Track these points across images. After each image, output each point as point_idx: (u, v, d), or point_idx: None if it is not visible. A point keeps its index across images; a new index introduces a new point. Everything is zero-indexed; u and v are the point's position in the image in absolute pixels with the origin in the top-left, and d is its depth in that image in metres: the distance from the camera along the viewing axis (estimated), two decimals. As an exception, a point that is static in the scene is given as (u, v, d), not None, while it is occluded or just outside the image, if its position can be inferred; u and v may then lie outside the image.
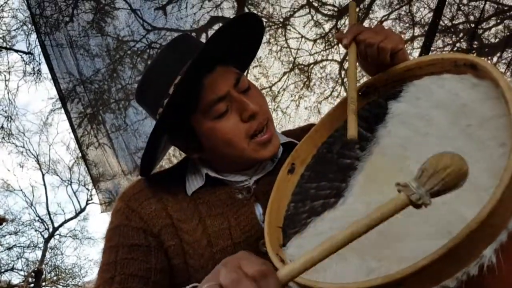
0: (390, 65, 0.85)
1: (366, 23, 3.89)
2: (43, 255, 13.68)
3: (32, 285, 12.56)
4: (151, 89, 0.92)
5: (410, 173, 0.67)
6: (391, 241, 0.61)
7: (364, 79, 0.91)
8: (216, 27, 4.04)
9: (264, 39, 4.07)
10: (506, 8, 3.46)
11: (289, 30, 4.13)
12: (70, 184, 14.90)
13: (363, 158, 0.77)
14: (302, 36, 4.13)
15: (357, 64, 0.91)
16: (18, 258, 13.77)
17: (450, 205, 0.58)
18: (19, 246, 13.92)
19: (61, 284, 14.62)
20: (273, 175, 0.89)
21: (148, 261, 0.88)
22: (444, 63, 0.76)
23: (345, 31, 0.91)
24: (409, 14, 3.82)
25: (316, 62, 4.32)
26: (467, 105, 0.68)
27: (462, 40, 3.69)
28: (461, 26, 3.69)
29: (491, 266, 0.52)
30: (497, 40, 3.66)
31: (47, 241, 14.08)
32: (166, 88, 0.87)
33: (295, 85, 4.43)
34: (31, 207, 14.71)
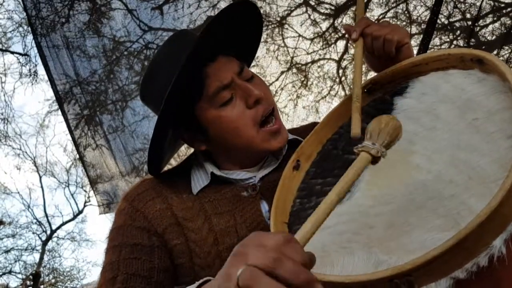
0: (396, 60, 0.86)
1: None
2: (41, 257, 13.60)
3: (30, 288, 12.51)
4: (154, 85, 0.92)
5: (417, 167, 0.67)
6: (399, 234, 0.61)
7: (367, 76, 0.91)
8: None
9: (261, 38, 4.07)
10: (502, 5, 3.48)
11: (286, 29, 4.13)
12: (68, 186, 14.81)
13: None
14: (299, 35, 4.13)
15: (363, 60, 0.92)
16: (15, 261, 13.68)
17: (459, 197, 0.59)
18: (16, 249, 13.82)
19: (59, 286, 14.57)
20: (278, 172, 0.88)
21: (151, 261, 0.88)
22: (450, 59, 0.76)
23: (354, 24, 0.92)
24: (406, 12, 3.83)
25: (313, 61, 4.31)
26: (473, 99, 0.68)
27: (459, 38, 3.70)
28: (457, 24, 3.70)
29: (501, 257, 0.52)
30: (494, 37, 3.67)
31: (45, 243, 14.00)
32: (169, 81, 0.86)
33: (292, 85, 4.43)
34: (28, 209, 14.60)
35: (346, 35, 1.08)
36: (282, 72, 4.37)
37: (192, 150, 1.04)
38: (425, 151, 0.68)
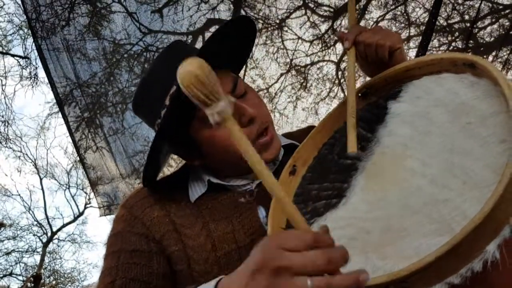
0: (389, 64, 0.86)
1: (361, 24, 3.90)
2: (42, 259, 13.62)
3: (30, 290, 12.50)
4: (148, 100, 0.92)
5: (412, 171, 0.68)
6: (394, 240, 0.62)
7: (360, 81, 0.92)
8: (212, 29, 4.04)
9: (261, 41, 4.08)
10: (501, 7, 3.48)
11: (286, 31, 4.13)
12: (68, 188, 14.85)
13: (364, 158, 0.77)
14: (298, 37, 4.14)
15: (356, 68, 0.92)
16: (16, 263, 13.71)
17: (453, 202, 0.59)
18: (17, 251, 13.85)
19: (60, 288, 14.57)
20: (275, 177, 0.89)
21: (150, 266, 0.88)
22: (443, 63, 0.77)
23: (346, 31, 0.92)
24: (404, 14, 3.84)
25: (312, 63, 4.32)
26: (466, 103, 0.69)
27: (457, 40, 3.71)
28: (456, 26, 3.71)
29: (495, 262, 0.52)
30: (492, 39, 3.67)
31: (45, 245, 14.02)
32: (162, 99, 0.86)
33: (292, 86, 4.44)
34: (29, 211, 14.63)
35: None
36: (281, 74, 4.38)
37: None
38: (420, 155, 0.69)
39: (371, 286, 0.55)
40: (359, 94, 0.88)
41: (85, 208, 15.05)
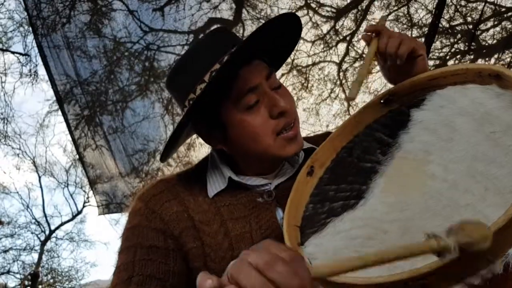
0: (410, 71, 0.87)
1: (364, 24, 3.91)
2: (40, 258, 13.59)
3: (28, 288, 12.48)
4: (185, 74, 0.92)
5: (433, 176, 0.68)
6: (413, 240, 0.62)
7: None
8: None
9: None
10: (503, 9, 3.49)
11: (287, 31, 4.14)
12: (67, 186, 14.79)
13: (385, 162, 0.78)
14: (300, 38, 4.14)
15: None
16: (14, 261, 13.66)
17: (475, 207, 0.59)
18: (15, 249, 13.80)
19: (57, 286, 14.54)
20: (294, 180, 0.89)
21: (167, 264, 0.88)
22: (468, 74, 0.77)
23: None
24: (407, 15, 3.85)
25: (314, 64, 4.33)
26: (491, 113, 0.69)
27: (460, 42, 3.72)
28: (458, 28, 3.72)
29: (516, 265, 0.53)
30: (494, 41, 3.69)
31: (43, 243, 13.98)
32: (201, 75, 0.87)
33: (293, 87, 4.45)
34: (27, 209, 14.58)
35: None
36: (282, 74, 4.38)
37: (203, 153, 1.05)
38: (442, 161, 0.69)
39: (389, 283, 0.55)
40: (382, 101, 0.88)
41: (84, 206, 15.02)
